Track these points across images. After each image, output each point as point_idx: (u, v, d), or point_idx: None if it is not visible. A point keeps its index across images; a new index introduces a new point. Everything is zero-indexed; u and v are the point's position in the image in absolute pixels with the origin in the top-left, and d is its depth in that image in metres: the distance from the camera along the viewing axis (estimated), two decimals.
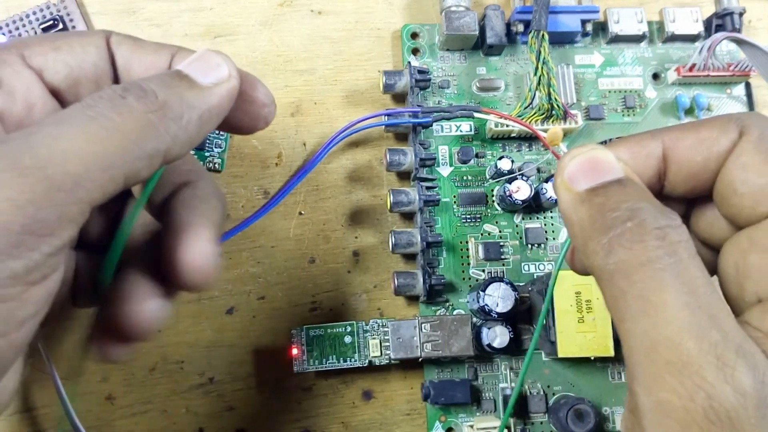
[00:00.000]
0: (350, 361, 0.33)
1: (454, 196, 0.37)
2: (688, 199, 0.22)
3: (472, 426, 0.34)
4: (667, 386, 0.16)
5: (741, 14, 0.39)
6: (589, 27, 0.39)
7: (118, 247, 0.21)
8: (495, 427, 0.33)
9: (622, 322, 0.18)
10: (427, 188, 0.35)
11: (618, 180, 0.19)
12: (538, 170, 0.38)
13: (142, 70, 0.22)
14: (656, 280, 0.17)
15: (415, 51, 0.39)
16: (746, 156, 0.19)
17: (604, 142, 0.36)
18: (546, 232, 0.37)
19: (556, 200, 0.29)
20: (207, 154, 0.36)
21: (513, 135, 0.38)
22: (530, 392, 0.35)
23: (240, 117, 0.22)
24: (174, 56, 0.22)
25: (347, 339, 0.34)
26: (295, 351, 0.33)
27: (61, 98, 0.21)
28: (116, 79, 0.22)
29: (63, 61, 0.21)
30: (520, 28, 0.39)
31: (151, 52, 0.22)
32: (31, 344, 0.18)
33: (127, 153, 0.17)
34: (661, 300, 0.17)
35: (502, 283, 0.33)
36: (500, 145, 0.38)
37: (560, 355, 0.32)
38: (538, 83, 0.36)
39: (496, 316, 0.33)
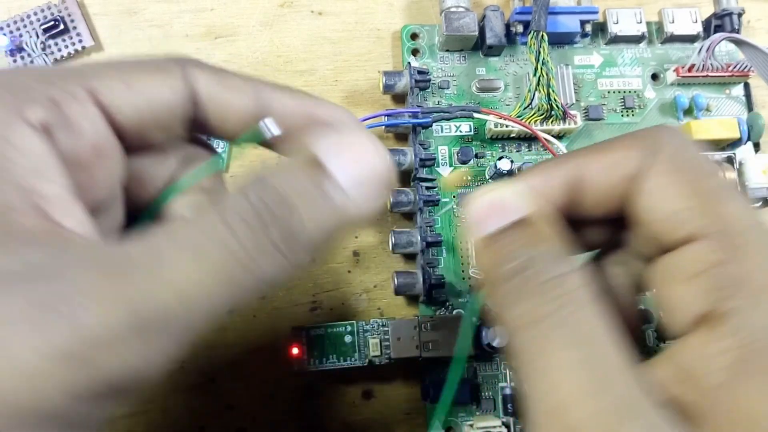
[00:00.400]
0: (350, 360, 0.34)
1: (454, 196, 0.37)
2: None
3: (471, 425, 0.34)
4: None
5: (740, 15, 0.39)
6: (588, 28, 0.39)
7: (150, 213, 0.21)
8: (495, 427, 0.33)
9: (524, 382, 0.17)
10: (427, 188, 0.35)
11: (520, 221, 0.18)
12: None
13: (225, 115, 0.20)
14: (548, 338, 0.16)
15: (414, 52, 0.39)
16: (656, 179, 0.18)
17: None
18: None
19: None
20: None
21: (512, 135, 0.38)
22: None
23: None
24: (261, 93, 0.20)
25: (347, 338, 0.34)
26: (295, 350, 0.33)
27: (124, 137, 0.19)
28: (195, 121, 0.20)
29: (134, 104, 0.19)
30: (520, 28, 0.39)
31: (236, 91, 0.20)
32: None
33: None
34: (552, 361, 0.16)
35: None
36: (500, 145, 0.38)
37: None
38: (538, 84, 0.36)
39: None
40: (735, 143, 0.38)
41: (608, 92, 0.40)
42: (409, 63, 0.38)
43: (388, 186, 0.18)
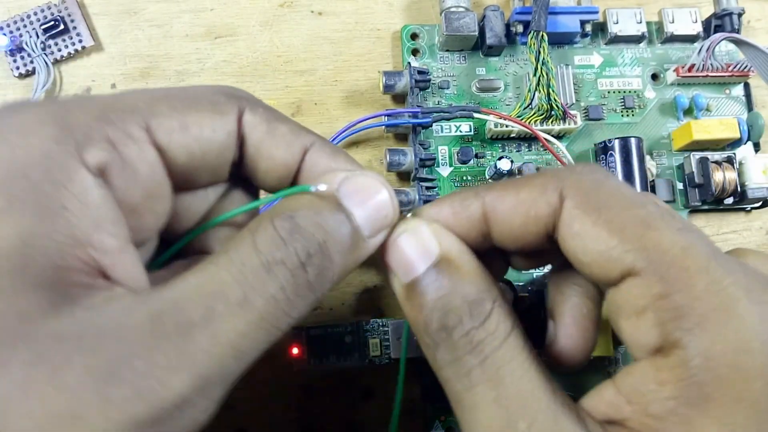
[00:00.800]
0: (350, 360, 0.34)
1: None
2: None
3: None
4: None
5: (740, 15, 0.39)
6: (588, 28, 0.39)
7: (177, 246, 0.21)
8: None
9: (456, 418, 0.19)
10: (427, 188, 0.35)
11: (433, 266, 0.19)
12: (538, 170, 0.38)
13: (264, 165, 0.20)
14: (466, 385, 0.18)
15: (414, 51, 0.39)
16: (577, 223, 0.19)
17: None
18: None
19: None
20: None
21: (512, 135, 0.38)
22: None
23: None
24: (308, 150, 0.20)
25: (348, 338, 0.34)
26: (295, 350, 0.33)
27: (174, 174, 0.19)
28: (240, 161, 0.20)
29: (187, 146, 0.18)
30: (520, 28, 0.39)
31: (283, 145, 0.20)
32: None
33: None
34: (472, 403, 0.18)
35: (500, 283, 0.33)
36: (500, 145, 0.38)
37: None
38: (538, 84, 0.36)
39: None
40: (735, 143, 0.38)
41: (608, 92, 0.40)
42: (409, 63, 0.38)
43: (392, 225, 0.20)
